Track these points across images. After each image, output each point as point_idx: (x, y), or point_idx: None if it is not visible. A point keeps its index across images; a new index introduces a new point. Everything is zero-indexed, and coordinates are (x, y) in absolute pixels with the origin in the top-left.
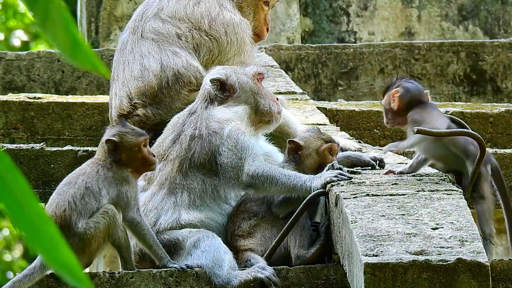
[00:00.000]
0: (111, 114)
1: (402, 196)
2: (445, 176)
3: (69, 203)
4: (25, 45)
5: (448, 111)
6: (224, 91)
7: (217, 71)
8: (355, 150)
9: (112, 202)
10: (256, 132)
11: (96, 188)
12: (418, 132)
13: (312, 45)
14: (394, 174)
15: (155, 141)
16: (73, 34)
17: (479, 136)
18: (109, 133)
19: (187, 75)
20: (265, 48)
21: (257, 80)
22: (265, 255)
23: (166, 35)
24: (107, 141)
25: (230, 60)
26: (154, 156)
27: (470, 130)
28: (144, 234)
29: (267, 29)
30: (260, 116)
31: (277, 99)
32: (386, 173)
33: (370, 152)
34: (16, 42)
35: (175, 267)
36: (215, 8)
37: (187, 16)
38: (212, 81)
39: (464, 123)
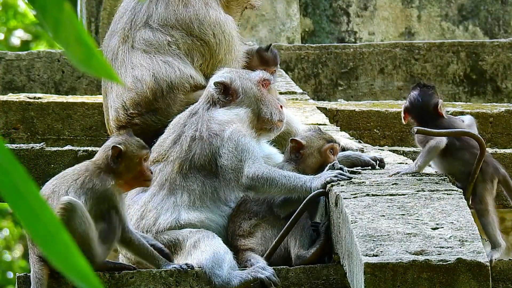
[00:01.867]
0: (110, 126)
1: (402, 196)
2: (445, 176)
3: None
4: (25, 45)
5: (448, 111)
6: (227, 95)
7: (222, 74)
8: (357, 150)
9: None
10: (258, 137)
11: (63, 192)
12: (418, 132)
13: (312, 45)
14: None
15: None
16: (86, 43)
17: (479, 136)
18: (115, 140)
19: (181, 82)
20: None
21: (262, 86)
22: (265, 255)
23: (157, 45)
24: (114, 147)
25: (223, 60)
26: (151, 173)
27: (470, 130)
28: (135, 249)
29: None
30: (261, 123)
31: (281, 106)
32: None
33: (370, 152)
34: (16, 42)
35: (175, 268)
36: (202, 8)
37: (179, 23)
38: (216, 84)
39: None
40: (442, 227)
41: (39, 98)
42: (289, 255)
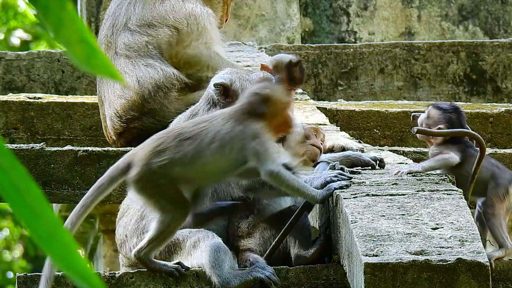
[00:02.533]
0: (109, 133)
1: (402, 196)
2: (445, 176)
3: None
4: (25, 44)
5: None
6: (227, 96)
7: (222, 75)
8: (357, 150)
9: (242, 157)
10: None
11: (210, 137)
12: (418, 132)
13: (312, 45)
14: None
15: None
16: (88, 42)
17: (479, 136)
18: (260, 86)
19: (167, 81)
20: (265, 48)
21: None
22: (265, 255)
23: (136, 48)
24: (258, 94)
25: (188, 46)
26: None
27: (470, 130)
28: (286, 183)
29: (226, 20)
30: None
31: None
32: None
33: (370, 152)
34: (16, 41)
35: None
36: (179, 2)
37: (155, 18)
38: (215, 85)
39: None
40: (442, 227)
41: (39, 98)
42: (289, 255)
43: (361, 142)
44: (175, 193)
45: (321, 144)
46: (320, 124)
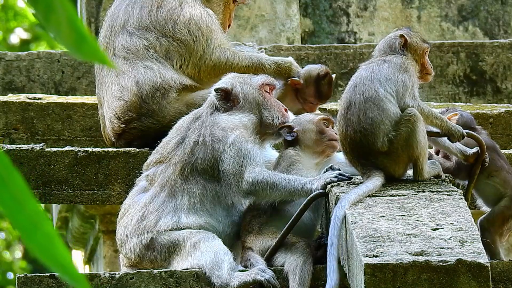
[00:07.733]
0: (107, 134)
1: (402, 196)
2: (445, 176)
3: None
4: (24, 44)
5: (446, 110)
6: (228, 101)
7: (224, 80)
8: None
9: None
10: (263, 142)
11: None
12: None
13: (312, 45)
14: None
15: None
16: (77, 27)
17: (478, 136)
18: (400, 31)
19: (165, 83)
20: (265, 49)
21: (265, 90)
22: (266, 255)
23: (135, 50)
24: (401, 36)
25: (203, 56)
26: (431, 68)
27: (469, 131)
28: (427, 117)
29: (229, 25)
30: (264, 127)
31: (286, 109)
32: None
33: None
34: (15, 40)
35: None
36: (176, 8)
37: (152, 24)
38: (216, 90)
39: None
40: (442, 228)
41: (39, 98)
42: None
43: None
44: None
45: (335, 133)
46: None
